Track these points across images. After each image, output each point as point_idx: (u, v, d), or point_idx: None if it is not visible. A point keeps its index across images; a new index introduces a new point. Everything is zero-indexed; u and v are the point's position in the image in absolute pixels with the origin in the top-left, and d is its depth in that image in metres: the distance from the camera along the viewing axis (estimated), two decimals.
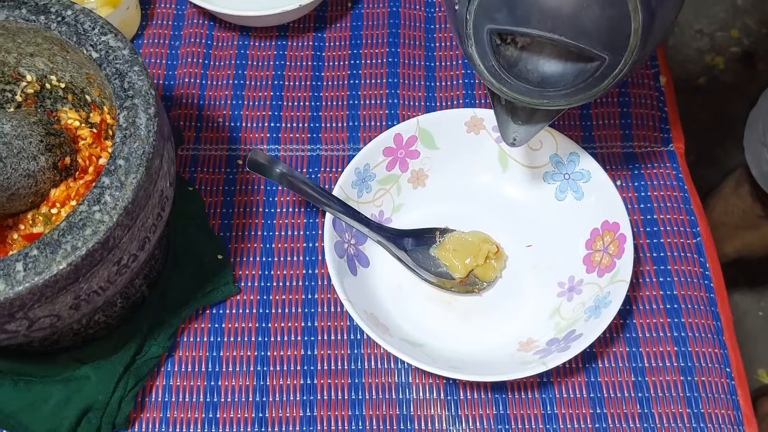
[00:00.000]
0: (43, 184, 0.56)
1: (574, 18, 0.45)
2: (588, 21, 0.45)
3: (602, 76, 0.48)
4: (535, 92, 0.50)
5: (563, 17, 0.45)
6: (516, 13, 0.46)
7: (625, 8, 0.45)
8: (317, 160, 0.72)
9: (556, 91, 0.50)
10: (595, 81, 0.49)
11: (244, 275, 0.67)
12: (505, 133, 0.57)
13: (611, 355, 0.63)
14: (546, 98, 0.51)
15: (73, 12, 0.54)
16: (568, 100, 0.51)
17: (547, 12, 0.45)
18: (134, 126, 0.51)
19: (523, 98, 0.51)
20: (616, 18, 0.45)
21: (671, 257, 0.67)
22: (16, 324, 0.48)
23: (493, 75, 0.50)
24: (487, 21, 0.47)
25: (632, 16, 0.45)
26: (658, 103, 0.75)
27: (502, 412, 0.61)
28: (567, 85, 0.49)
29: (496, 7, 0.46)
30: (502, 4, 0.46)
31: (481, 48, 0.49)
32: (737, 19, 1.70)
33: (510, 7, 0.46)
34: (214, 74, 0.77)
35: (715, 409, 0.61)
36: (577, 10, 0.44)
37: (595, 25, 0.45)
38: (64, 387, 0.60)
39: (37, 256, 0.46)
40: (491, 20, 0.47)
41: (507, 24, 0.46)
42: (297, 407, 0.62)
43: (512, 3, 0.46)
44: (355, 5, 0.81)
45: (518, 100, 0.52)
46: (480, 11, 0.47)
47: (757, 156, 0.99)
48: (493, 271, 0.65)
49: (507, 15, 0.46)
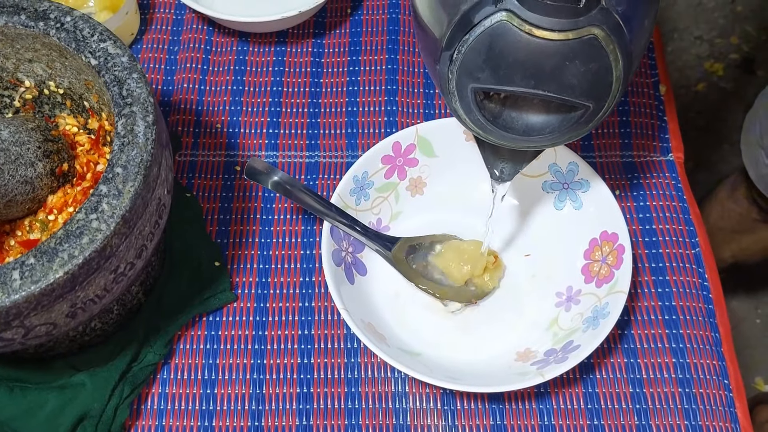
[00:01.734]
0: (40, 190, 0.56)
1: (557, 74, 0.45)
2: (570, 75, 0.45)
3: (586, 121, 0.49)
4: (520, 139, 0.51)
5: (546, 74, 0.45)
6: (499, 73, 0.46)
7: (606, 60, 0.45)
8: (315, 167, 0.72)
9: (541, 137, 0.51)
10: (579, 126, 0.49)
11: (242, 282, 0.67)
12: (491, 169, 0.58)
13: (609, 366, 0.63)
14: (531, 143, 0.52)
15: (72, 18, 0.54)
16: (554, 143, 0.52)
17: (530, 71, 0.45)
18: (132, 134, 0.50)
19: (509, 144, 0.52)
20: (597, 70, 0.46)
21: (670, 268, 0.67)
22: (12, 332, 0.48)
23: (478, 126, 0.51)
24: (471, 80, 0.47)
25: (613, 66, 0.46)
26: (658, 113, 0.75)
27: (500, 423, 0.61)
28: (552, 131, 0.50)
29: (478, 68, 0.47)
30: (485, 65, 0.46)
31: (465, 104, 0.49)
32: (737, 25, 1.70)
33: (492, 67, 0.46)
34: (212, 80, 0.77)
35: (713, 422, 0.61)
36: (558, 66, 0.45)
37: (577, 78, 0.46)
38: (59, 394, 0.59)
39: (33, 265, 0.46)
40: (474, 79, 0.47)
41: (490, 83, 0.47)
42: (293, 416, 0.61)
43: (494, 64, 0.46)
44: (355, 12, 0.81)
45: (504, 146, 0.53)
46: (462, 71, 0.47)
47: (754, 158, 0.99)
48: (491, 280, 0.65)
49: (490, 74, 0.46)
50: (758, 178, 1.00)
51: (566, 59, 0.45)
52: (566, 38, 0.44)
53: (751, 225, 1.17)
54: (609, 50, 0.45)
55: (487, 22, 0.45)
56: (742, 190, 1.14)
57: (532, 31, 0.44)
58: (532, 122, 0.51)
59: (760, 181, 1.00)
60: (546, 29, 0.44)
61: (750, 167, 1.00)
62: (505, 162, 0.57)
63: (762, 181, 0.99)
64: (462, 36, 0.46)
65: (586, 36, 0.44)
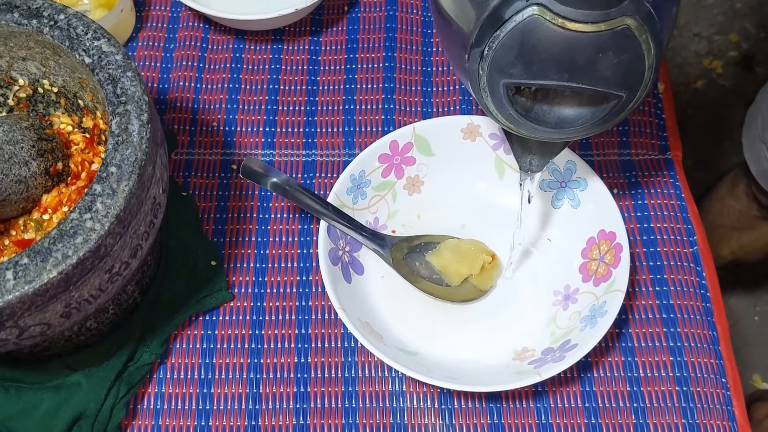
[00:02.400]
0: (34, 189, 0.56)
1: (590, 66, 0.45)
2: (604, 67, 0.45)
3: (619, 111, 0.49)
4: (552, 132, 0.51)
5: (579, 67, 0.45)
6: (532, 68, 0.46)
7: (639, 50, 0.45)
8: (312, 165, 0.72)
9: (574, 129, 0.51)
10: (612, 116, 0.49)
11: (238, 281, 0.66)
12: (520, 161, 0.58)
13: (606, 365, 0.63)
14: (563, 135, 0.52)
15: (65, 16, 0.54)
16: (586, 133, 0.52)
17: (563, 64, 0.45)
18: (127, 132, 0.50)
19: (541, 137, 0.52)
20: (630, 60, 0.46)
21: (668, 266, 0.67)
22: (6, 332, 0.48)
23: (510, 121, 0.51)
24: (503, 76, 0.47)
25: (646, 55, 0.46)
26: (656, 111, 0.75)
27: (497, 422, 0.61)
28: (584, 122, 0.50)
29: (510, 63, 0.46)
30: (517, 60, 0.46)
31: (497, 100, 0.49)
32: (736, 22, 1.70)
33: (525, 62, 0.46)
34: (208, 78, 0.76)
35: (711, 420, 0.61)
36: (592, 59, 0.45)
37: (610, 69, 0.46)
38: (54, 394, 0.59)
39: (27, 265, 0.46)
40: (507, 75, 0.47)
41: (523, 78, 0.47)
42: (290, 415, 0.61)
43: (527, 59, 0.46)
44: (352, 9, 0.81)
45: (536, 138, 0.53)
46: (494, 67, 0.47)
47: (756, 153, 0.98)
48: (488, 279, 0.64)
49: (522, 69, 0.46)
50: (759, 173, 0.99)
51: (599, 51, 0.45)
52: (599, 30, 0.44)
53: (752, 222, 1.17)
54: (642, 40, 0.45)
55: (518, 18, 0.45)
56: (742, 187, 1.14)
57: (564, 24, 0.44)
58: (565, 115, 0.51)
59: (761, 175, 0.99)
60: (579, 22, 0.44)
61: (751, 162, 1.00)
62: (534, 154, 0.57)
63: (763, 176, 0.99)
64: (492, 32, 0.46)
65: (619, 27, 0.44)
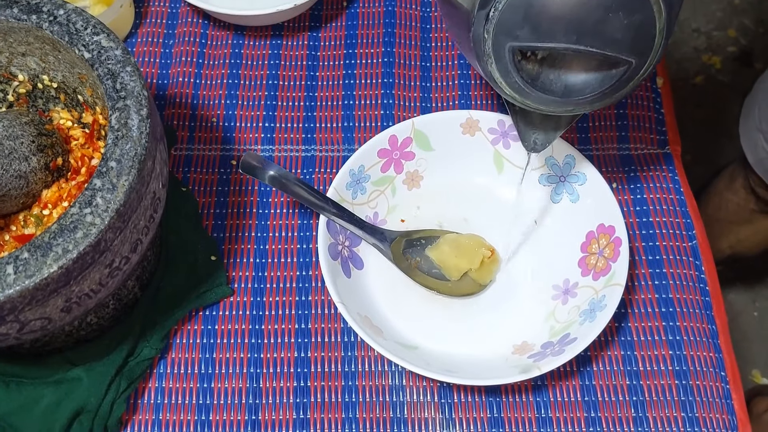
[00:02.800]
0: (34, 185, 0.56)
1: (600, 28, 0.44)
2: (613, 29, 0.45)
3: (628, 78, 0.48)
4: (559, 102, 0.50)
5: (588, 28, 0.44)
6: (539, 29, 0.45)
7: (650, 12, 0.45)
8: (312, 160, 0.72)
9: (582, 98, 0.49)
10: (621, 84, 0.48)
11: (238, 276, 0.66)
12: (524, 139, 0.57)
13: (606, 359, 0.63)
14: (570, 106, 0.50)
15: (65, 11, 0.54)
16: (593, 105, 0.50)
17: (572, 25, 0.44)
18: (126, 127, 0.50)
19: (547, 108, 0.51)
20: (640, 22, 0.45)
21: (667, 260, 0.67)
22: (6, 327, 0.48)
23: (516, 90, 0.49)
24: (509, 39, 0.46)
25: (656, 18, 0.45)
26: (655, 105, 0.75)
27: (496, 415, 0.61)
28: (592, 91, 0.49)
29: (517, 25, 0.45)
30: (524, 21, 0.45)
31: (502, 66, 0.48)
32: (734, 18, 1.70)
33: (533, 23, 0.45)
34: (208, 73, 0.76)
35: (710, 413, 0.61)
36: (601, 20, 0.44)
37: (620, 32, 0.45)
38: (55, 389, 0.59)
39: (27, 259, 0.46)
40: (513, 38, 0.46)
41: (530, 40, 0.45)
42: (290, 410, 0.61)
43: (534, 20, 0.44)
44: (351, 4, 0.81)
45: (542, 111, 0.52)
46: (500, 29, 0.46)
47: (753, 143, 0.98)
48: (487, 273, 0.64)
49: (529, 31, 0.45)
50: (757, 162, 0.99)
51: (609, 11, 0.44)
52: None
53: (749, 216, 1.16)
54: (653, 1, 0.44)
55: None
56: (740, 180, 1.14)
57: None
58: (572, 82, 0.49)
59: (758, 165, 0.99)
60: None
61: (749, 152, 1.00)
62: (538, 132, 0.56)
63: (760, 165, 0.99)
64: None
65: None
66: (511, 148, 0.67)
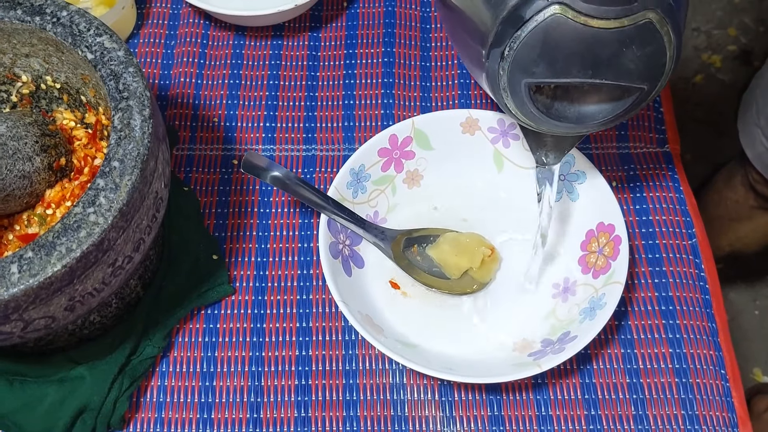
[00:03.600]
0: (38, 184, 0.56)
1: (614, 61, 0.45)
2: (627, 61, 0.46)
3: (639, 102, 0.49)
4: (572, 127, 0.51)
5: (603, 63, 0.45)
6: (555, 66, 0.46)
7: (661, 42, 0.46)
8: (312, 160, 0.72)
9: (594, 123, 0.51)
10: (632, 108, 0.50)
11: (239, 275, 0.67)
12: (536, 156, 0.58)
13: (606, 357, 0.63)
14: (584, 129, 0.52)
15: (68, 13, 0.54)
16: (605, 126, 0.52)
17: (587, 60, 0.45)
18: (129, 127, 0.51)
19: (561, 132, 0.52)
20: (653, 52, 0.46)
21: (666, 258, 0.67)
22: (10, 325, 0.48)
23: (530, 119, 0.50)
24: (524, 75, 0.47)
25: (667, 47, 0.46)
26: (654, 104, 0.75)
27: (497, 414, 0.61)
28: (605, 117, 0.50)
29: (533, 62, 0.46)
30: (540, 59, 0.45)
31: (518, 99, 0.49)
32: (734, 17, 1.70)
33: (548, 61, 0.45)
34: (209, 74, 0.77)
35: (710, 411, 0.61)
36: (615, 54, 0.45)
37: (634, 63, 0.46)
38: (59, 387, 0.60)
39: (31, 258, 0.46)
40: (529, 74, 0.46)
41: (546, 77, 0.46)
42: (291, 408, 0.62)
43: (550, 57, 0.45)
44: (351, 5, 0.81)
45: (556, 133, 0.53)
46: (515, 67, 0.46)
47: (752, 138, 0.98)
48: (487, 272, 0.65)
49: (545, 68, 0.46)
50: (755, 157, 0.99)
51: (623, 46, 0.45)
52: (622, 25, 0.44)
53: (749, 212, 1.16)
54: (663, 32, 0.45)
55: (539, 17, 0.44)
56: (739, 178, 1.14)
57: (587, 22, 0.44)
58: (585, 110, 0.51)
59: (757, 160, 0.99)
60: (602, 18, 0.44)
61: (747, 147, 1.00)
62: (549, 149, 0.57)
63: (759, 160, 0.99)
64: (513, 32, 0.45)
65: (642, 21, 0.44)
66: (510, 147, 0.67)
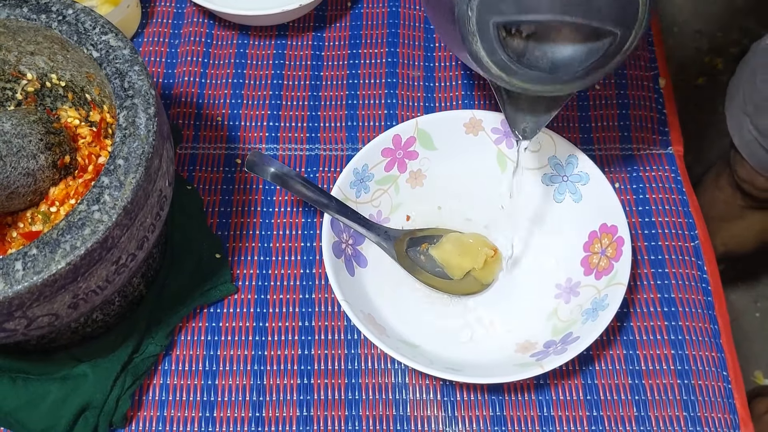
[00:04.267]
0: (42, 182, 0.56)
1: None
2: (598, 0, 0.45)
3: (614, 52, 0.48)
4: (546, 78, 0.49)
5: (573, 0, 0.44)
6: (523, 2, 0.45)
7: None
8: (316, 159, 0.73)
9: (569, 75, 0.49)
10: (607, 58, 0.48)
11: (242, 274, 0.67)
12: (514, 126, 0.56)
13: (608, 358, 0.64)
14: (559, 83, 0.50)
15: (74, 11, 0.54)
16: (582, 82, 0.50)
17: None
18: (134, 126, 0.51)
19: (535, 87, 0.50)
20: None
21: (669, 260, 0.67)
22: (14, 323, 0.48)
23: (502, 69, 0.49)
24: (492, 14, 0.46)
25: None
26: (657, 106, 0.76)
27: (499, 414, 0.62)
28: (579, 65, 0.49)
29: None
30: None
31: (488, 44, 0.47)
32: (737, 19, 1.70)
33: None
34: (213, 73, 0.77)
35: (712, 413, 0.61)
36: None
37: (605, 2, 0.45)
38: (61, 385, 0.60)
39: (36, 255, 0.46)
40: (497, 13, 0.45)
41: (515, 14, 0.45)
42: (294, 407, 0.62)
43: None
44: (355, 5, 0.81)
45: (530, 91, 0.51)
46: (483, 5, 0.46)
47: (738, 125, 0.98)
48: (490, 272, 0.65)
49: (513, 5, 0.45)
50: (743, 145, 0.98)
51: None
52: None
53: (739, 212, 1.15)
54: None
55: None
56: (725, 177, 1.13)
57: None
58: (558, 57, 0.49)
59: (744, 147, 0.98)
60: None
61: (734, 134, 0.99)
62: (527, 118, 0.56)
63: (746, 148, 0.98)
64: None
65: None
66: (514, 148, 0.68)
